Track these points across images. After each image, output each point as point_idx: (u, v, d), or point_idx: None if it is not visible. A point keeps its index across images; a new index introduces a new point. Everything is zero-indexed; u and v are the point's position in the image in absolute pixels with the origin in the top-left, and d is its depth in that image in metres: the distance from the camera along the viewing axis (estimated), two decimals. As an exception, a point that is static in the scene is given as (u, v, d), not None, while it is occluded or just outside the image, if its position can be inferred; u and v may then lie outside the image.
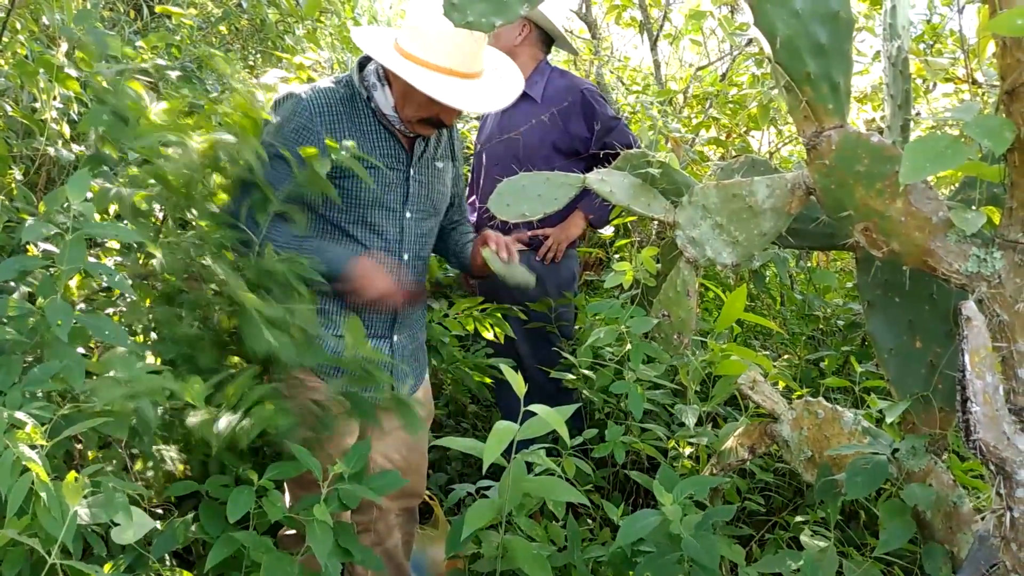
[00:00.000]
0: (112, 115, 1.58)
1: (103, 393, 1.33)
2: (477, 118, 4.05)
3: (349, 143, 1.85)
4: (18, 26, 2.02)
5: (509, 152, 3.02)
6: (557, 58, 5.01)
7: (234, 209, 1.87)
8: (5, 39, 1.89)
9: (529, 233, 3.04)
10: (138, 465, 1.59)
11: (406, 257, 2.12)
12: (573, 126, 3.04)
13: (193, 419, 1.48)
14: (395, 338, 2.16)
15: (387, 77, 2.02)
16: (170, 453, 1.71)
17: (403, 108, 2.01)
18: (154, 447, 1.66)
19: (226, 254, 1.78)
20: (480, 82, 1.98)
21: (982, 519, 1.54)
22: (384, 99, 2.02)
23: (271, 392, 1.60)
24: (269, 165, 1.88)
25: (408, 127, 2.04)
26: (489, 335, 2.82)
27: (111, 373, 1.37)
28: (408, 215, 2.12)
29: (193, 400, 1.45)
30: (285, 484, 2.08)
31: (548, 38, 3.15)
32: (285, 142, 1.92)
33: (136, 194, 1.58)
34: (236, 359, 1.78)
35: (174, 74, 1.91)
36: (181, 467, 1.76)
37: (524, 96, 3.02)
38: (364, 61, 2.07)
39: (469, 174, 3.35)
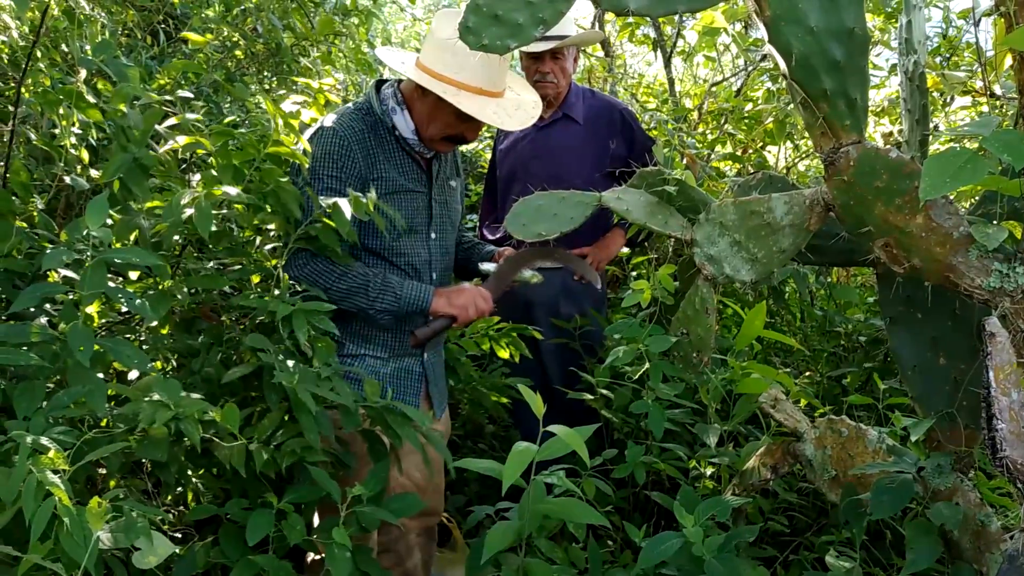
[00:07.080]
0: (134, 162, 1.60)
1: (146, 415, 1.33)
2: (491, 136, 4.05)
3: (372, 195, 1.84)
4: (38, 54, 2.04)
5: (549, 172, 2.98)
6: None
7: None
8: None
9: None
10: (163, 491, 1.59)
11: (434, 276, 2.15)
12: (614, 146, 3.05)
13: (224, 447, 1.48)
14: (426, 355, 2.18)
15: (405, 100, 2.03)
16: (194, 478, 1.71)
17: (427, 127, 2.02)
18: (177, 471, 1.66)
19: (247, 285, 1.79)
20: (507, 101, 2.01)
21: (1011, 538, 1.51)
22: (404, 122, 2.03)
23: (299, 431, 1.60)
24: (309, 198, 1.89)
25: (428, 145, 2.05)
26: (505, 355, 2.81)
27: (154, 396, 1.37)
28: (433, 235, 2.14)
29: (229, 427, 1.45)
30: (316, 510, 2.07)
31: None
32: (328, 175, 1.94)
33: (156, 225, 1.59)
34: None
35: (201, 108, 1.93)
36: (204, 492, 1.76)
37: (565, 117, 3.03)
38: (379, 84, 2.09)
39: (488, 193, 3.33)
